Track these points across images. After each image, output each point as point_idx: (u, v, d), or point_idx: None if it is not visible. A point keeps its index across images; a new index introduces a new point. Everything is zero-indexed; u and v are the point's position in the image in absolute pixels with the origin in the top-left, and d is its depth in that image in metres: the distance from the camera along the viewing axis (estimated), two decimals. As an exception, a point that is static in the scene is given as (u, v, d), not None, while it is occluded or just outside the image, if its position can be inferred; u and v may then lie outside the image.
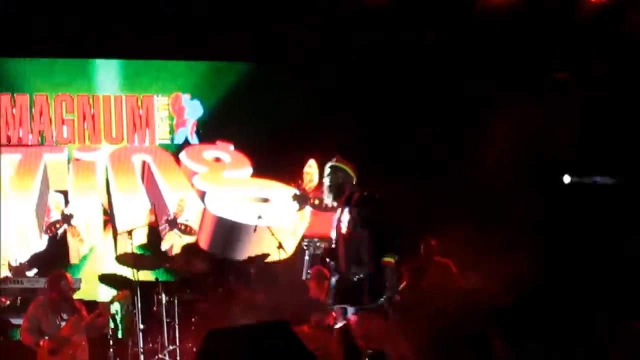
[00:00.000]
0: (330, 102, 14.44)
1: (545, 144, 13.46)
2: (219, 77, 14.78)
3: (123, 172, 14.33)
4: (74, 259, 14.00)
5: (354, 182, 9.34)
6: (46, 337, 10.05)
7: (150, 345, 12.07)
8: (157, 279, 12.46)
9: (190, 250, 13.38)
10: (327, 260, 9.36)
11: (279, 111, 14.59)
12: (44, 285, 11.34)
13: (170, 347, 11.96)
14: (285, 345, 7.20)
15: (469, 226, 12.07)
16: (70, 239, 13.97)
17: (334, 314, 9.36)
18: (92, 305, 11.85)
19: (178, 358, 11.82)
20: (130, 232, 12.64)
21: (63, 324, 10.26)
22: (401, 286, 11.15)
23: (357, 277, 8.94)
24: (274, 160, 14.58)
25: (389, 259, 8.78)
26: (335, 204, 9.39)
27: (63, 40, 13.70)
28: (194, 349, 11.51)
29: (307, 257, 9.61)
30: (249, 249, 13.89)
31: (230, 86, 14.74)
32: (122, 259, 12.70)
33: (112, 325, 11.92)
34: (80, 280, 12.56)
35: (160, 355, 11.85)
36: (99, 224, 14.19)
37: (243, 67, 14.81)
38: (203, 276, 12.48)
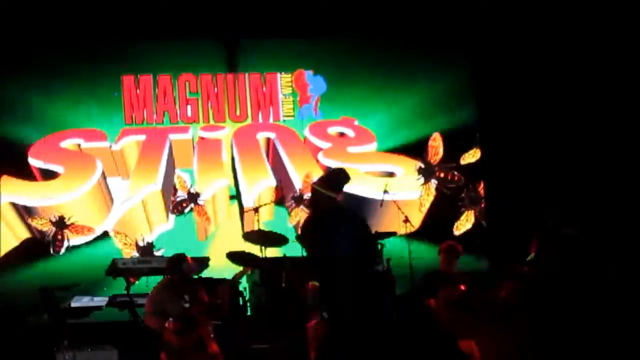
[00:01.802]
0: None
1: None
2: (342, 53, 14.60)
3: (248, 150, 14.30)
4: (201, 237, 14.05)
5: None
6: (171, 319, 10.00)
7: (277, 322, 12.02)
8: (284, 255, 12.38)
9: None
10: None
11: (402, 85, 14.42)
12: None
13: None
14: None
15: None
16: (197, 217, 14.03)
17: None
18: (219, 283, 11.86)
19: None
20: (256, 210, 12.66)
21: (186, 305, 10.21)
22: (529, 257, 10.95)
23: None
24: (398, 134, 14.39)
25: None
26: None
27: (188, 21, 13.75)
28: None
29: None
30: (376, 224, 13.72)
31: (353, 61, 14.57)
32: (249, 237, 12.70)
33: (240, 302, 11.93)
34: (208, 258, 12.60)
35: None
36: (225, 202, 14.18)
37: (365, 41, 14.58)
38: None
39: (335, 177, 8.88)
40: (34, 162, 13.77)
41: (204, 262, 12.34)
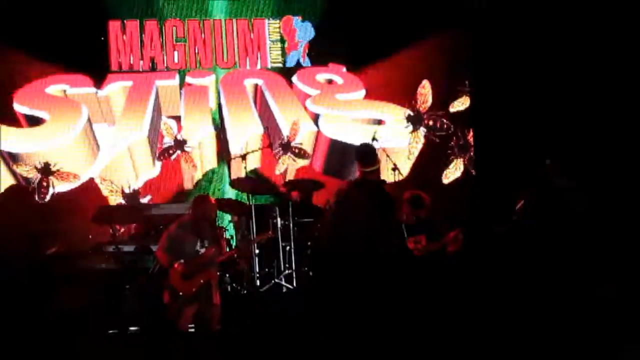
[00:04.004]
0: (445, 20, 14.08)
1: None
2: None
3: (235, 97, 14.19)
4: (187, 184, 13.97)
5: None
6: (182, 261, 9.90)
7: (266, 269, 12.01)
8: (272, 202, 12.32)
9: None
10: None
11: (392, 33, 14.26)
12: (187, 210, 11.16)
13: (287, 272, 11.87)
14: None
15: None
16: (183, 164, 13.94)
17: None
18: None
19: (294, 282, 11.72)
20: (243, 157, 12.57)
21: (202, 250, 10.11)
22: (518, 206, 10.89)
23: None
24: (387, 82, 14.29)
25: None
26: None
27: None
28: (310, 273, 11.41)
29: None
30: (364, 172, 13.72)
31: (342, 7, 14.39)
32: (237, 184, 12.64)
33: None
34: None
35: (276, 280, 11.76)
36: (212, 149, 14.08)
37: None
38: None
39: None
40: (19, 108, 13.62)
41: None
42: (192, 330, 9.95)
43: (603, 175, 11.55)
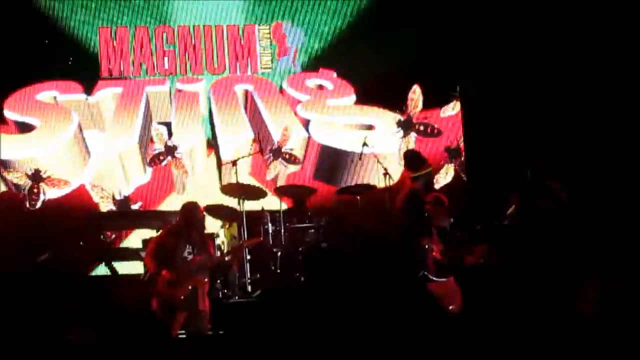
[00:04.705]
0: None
1: None
2: (319, 3, 14.44)
3: (226, 103, 14.19)
4: (178, 190, 13.95)
5: None
6: (169, 268, 9.91)
7: (258, 275, 12.00)
8: (262, 208, 12.32)
9: None
10: None
11: (381, 36, 14.28)
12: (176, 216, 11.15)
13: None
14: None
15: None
16: (174, 170, 13.92)
17: None
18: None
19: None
20: (234, 162, 12.56)
21: (190, 257, 10.11)
22: (509, 211, 10.92)
23: None
24: (377, 87, 14.29)
25: None
26: None
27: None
28: (301, 279, 11.40)
29: None
30: (355, 177, 13.76)
31: (330, 12, 14.41)
32: (227, 190, 12.64)
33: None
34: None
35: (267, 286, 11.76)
36: (202, 155, 14.07)
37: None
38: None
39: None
40: (9, 114, 13.61)
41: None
42: (183, 336, 9.95)
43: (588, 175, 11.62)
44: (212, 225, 12.53)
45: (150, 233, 12.09)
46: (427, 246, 10.16)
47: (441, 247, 10.36)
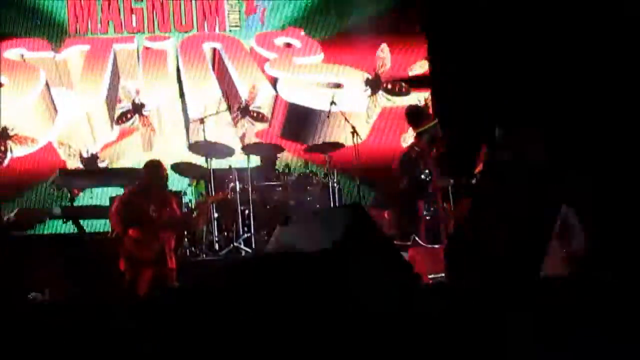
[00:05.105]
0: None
1: None
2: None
3: (194, 61, 14.16)
4: (145, 148, 13.95)
5: None
6: (135, 227, 9.93)
7: (225, 233, 12.05)
8: (230, 166, 12.36)
9: None
10: None
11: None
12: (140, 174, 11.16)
13: (245, 235, 11.92)
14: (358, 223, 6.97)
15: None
16: (141, 128, 13.92)
17: None
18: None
19: (253, 245, 11.78)
20: (202, 120, 12.56)
21: (154, 214, 10.13)
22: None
23: None
24: (346, 45, 14.30)
25: None
26: None
27: None
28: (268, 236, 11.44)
29: None
30: (323, 135, 13.81)
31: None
32: (195, 148, 12.65)
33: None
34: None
35: (235, 244, 11.81)
36: (170, 113, 14.07)
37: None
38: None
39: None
40: (-25, 73, 13.57)
41: None
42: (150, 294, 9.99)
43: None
44: (180, 182, 12.58)
45: (118, 190, 12.10)
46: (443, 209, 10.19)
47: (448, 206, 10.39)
